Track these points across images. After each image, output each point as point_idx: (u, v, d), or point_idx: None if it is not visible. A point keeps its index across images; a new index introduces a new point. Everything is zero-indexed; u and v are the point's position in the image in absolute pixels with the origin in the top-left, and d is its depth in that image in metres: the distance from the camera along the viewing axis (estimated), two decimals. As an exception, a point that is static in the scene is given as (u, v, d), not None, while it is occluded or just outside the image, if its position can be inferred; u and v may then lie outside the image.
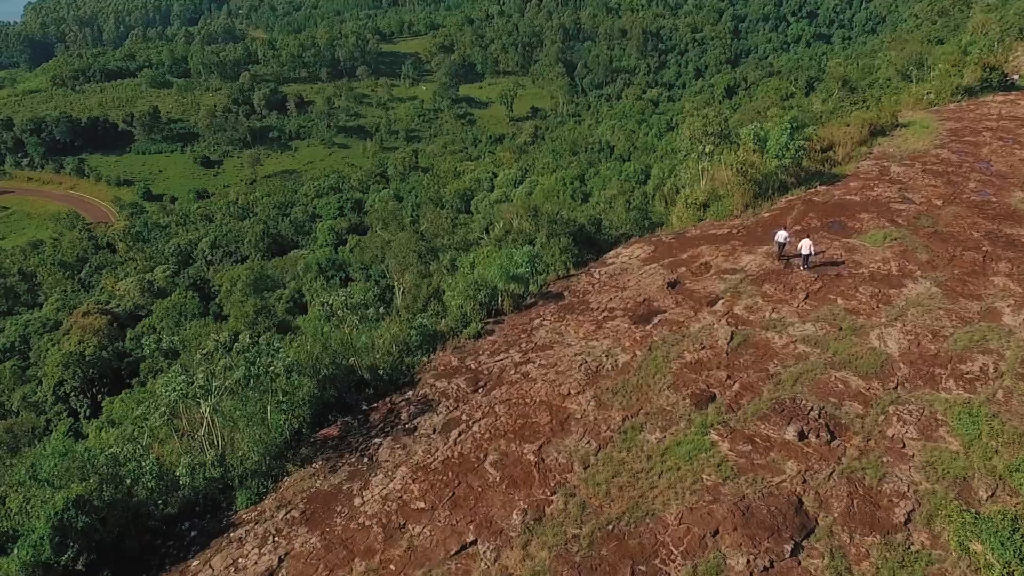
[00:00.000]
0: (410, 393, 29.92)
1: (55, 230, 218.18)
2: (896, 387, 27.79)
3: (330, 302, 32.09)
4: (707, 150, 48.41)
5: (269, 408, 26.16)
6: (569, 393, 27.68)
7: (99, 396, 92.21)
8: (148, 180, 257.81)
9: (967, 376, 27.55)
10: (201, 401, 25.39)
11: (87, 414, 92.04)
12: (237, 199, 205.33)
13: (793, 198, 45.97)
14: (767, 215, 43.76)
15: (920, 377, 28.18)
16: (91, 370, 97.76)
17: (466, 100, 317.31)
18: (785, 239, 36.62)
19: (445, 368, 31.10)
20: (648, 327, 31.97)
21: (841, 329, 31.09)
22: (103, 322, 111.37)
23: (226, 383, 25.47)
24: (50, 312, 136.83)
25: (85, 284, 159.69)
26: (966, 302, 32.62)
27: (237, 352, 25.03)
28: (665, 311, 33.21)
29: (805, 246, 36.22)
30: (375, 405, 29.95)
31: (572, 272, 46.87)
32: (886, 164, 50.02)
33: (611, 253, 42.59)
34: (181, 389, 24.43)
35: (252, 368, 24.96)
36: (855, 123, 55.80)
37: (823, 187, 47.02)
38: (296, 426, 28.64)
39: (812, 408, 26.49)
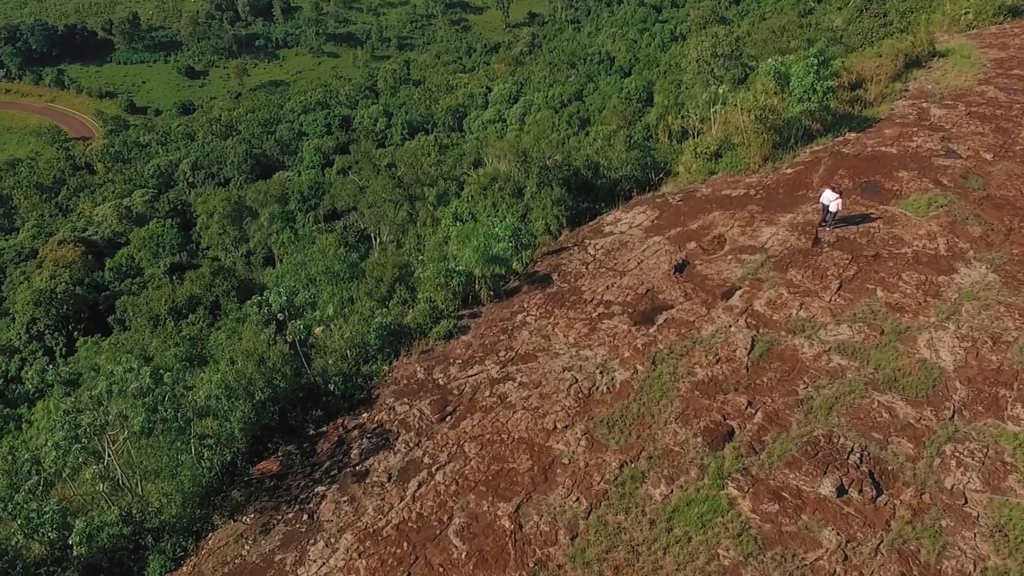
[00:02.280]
0: (365, 416, 24.79)
1: (36, 146, 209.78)
2: (953, 416, 22.69)
3: (270, 302, 26.47)
4: (720, 91, 41.72)
5: (185, 455, 20.97)
6: (555, 427, 22.50)
7: (75, 333, 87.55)
8: (131, 92, 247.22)
9: (1039, 401, 22.35)
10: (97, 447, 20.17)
11: (63, 352, 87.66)
12: (220, 116, 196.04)
13: (819, 149, 39.71)
14: (789, 171, 37.63)
15: (981, 401, 23.02)
16: (64, 307, 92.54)
17: (460, 5, 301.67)
18: (835, 205, 30.83)
19: (408, 382, 25.84)
20: (651, 329, 26.54)
21: (883, 333, 25.72)
22: (76, 254, 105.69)
23: (123, 434, 20.20)
24: (26, 240, 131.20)
25: (63, 208, 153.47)
26: (1030, 294, 27.04)
27: (134, 396, 19.61)
28: (672, 306, 27.69)
29: (833, 201, 30.47)
30: (324, 429, 24.89)
31: (564, 233, 41.21)
32: (924, 105, 43.46)
33: (609, 218, 36.73)
34: (64, 441, 19.15)
35: (154, 415, 19.60)
36: (887, 54, 48.86)
37: (853, 134, 40.71)
38: (229, 459, 23.55)
39: (852, 449, 21.43)
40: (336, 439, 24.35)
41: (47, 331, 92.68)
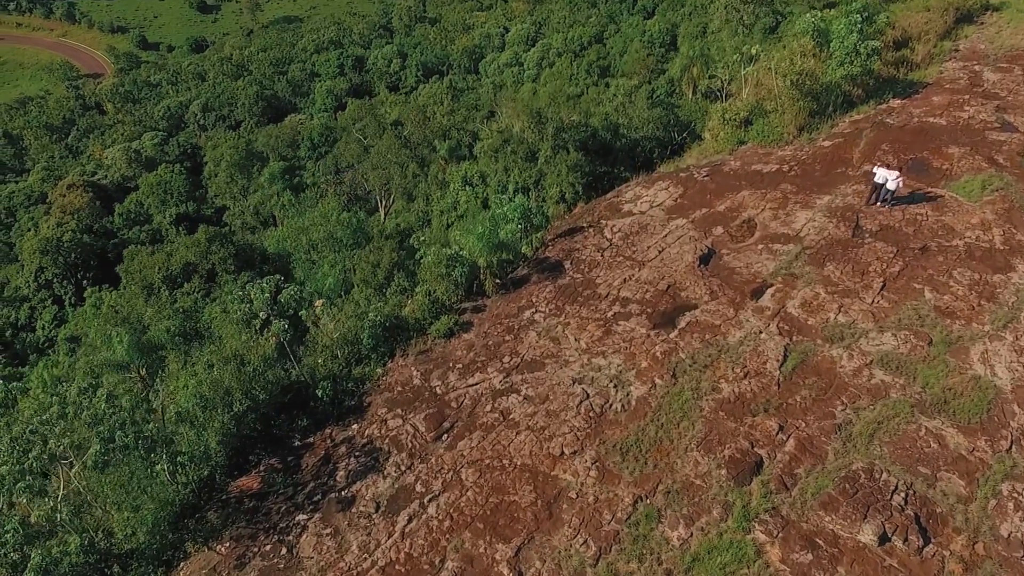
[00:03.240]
0: (355, 428, 22.52)
1: (48, 83, 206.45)
2: (1011, 447, 20.11)
3: (251, 297, 23.93)
4: (753, 50, 38.02)
5: (150, 483, 18.81)
6: (562, 453, 20.13)
7: (84, 281, 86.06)
8: (143, 26, 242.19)
9: (1111, 434, 19.74)
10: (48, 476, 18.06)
11: (72, 301, 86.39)
12: (231, 55, 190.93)
13: (860, 118, 36.21)
14: (827, 144, 34.29)
15: None
16: (72, 256, 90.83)
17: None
18: (894, 183, 28.41)
19: (403, 389, 23.46)
20: (672, 334, 23.90)
21: (931, 344, 22.96)
22: (84, 200, 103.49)
23: (81, 459, 18.02)
24: (35, 183, 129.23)
25: (73, 150, 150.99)
26: (1098, 298, 24.09)
27: (88, 424, 17.33)
28: (696, 306, 24.98)
29: (893, 180, 27.68)
30: (311, 440, 22.70)
31: (579, 205, 38.29)
32: (977, 68, 39.59)
33: (628, 195, 33.71)
34: (10, 476, 16.98)
35: (111, 445, 17.36)
36: (936, 7, 44.64)
37: (898, 101, 37.13)
38: (207, 473, 21.44)
39: (896, 487, 19.01)
40: (323, 454, 22.15)
41: (55, 279, 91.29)
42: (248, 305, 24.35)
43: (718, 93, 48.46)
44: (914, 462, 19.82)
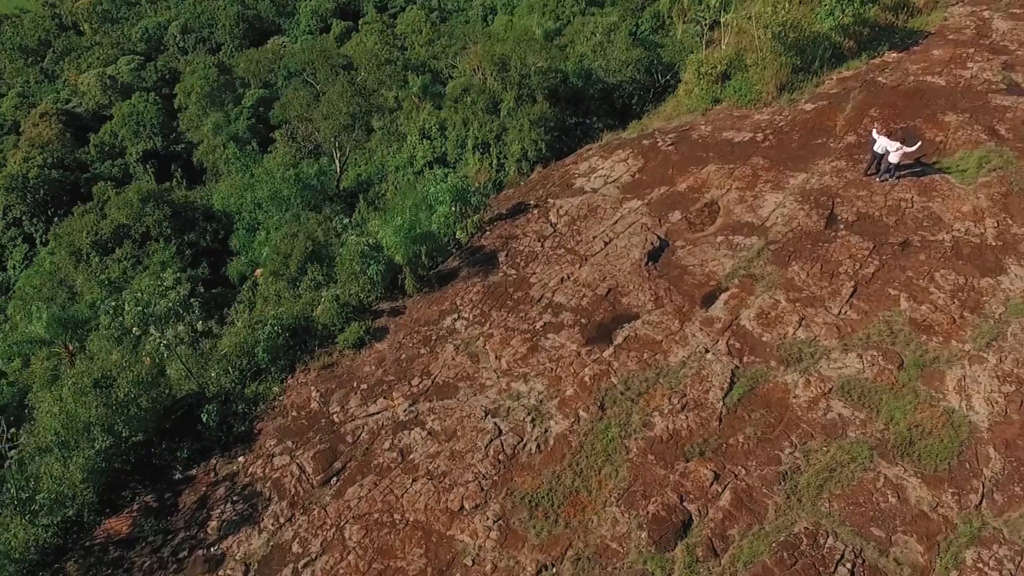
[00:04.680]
0: (241, 461, 20.02)
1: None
2: (981, 502, 17.45)
3: (125, 309, 20.93)
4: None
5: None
6: (462, 508, 17.59)
7: (55, 218, 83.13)
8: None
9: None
10: None
11: (43, 240, 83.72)
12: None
13: (849, 75, 32.29)
14: (808, 108, 30.55)
15: (1020, 480, 18.06)
16: (40, 192, 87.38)
17: None
18: (895, 155, 25.64)
19: (299, 415, 20.81)
20: (607, 352, 21.00)
21: (902, 367, 20.04)
22: (53, 132, 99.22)
23: None
24: (8, 110, 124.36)
25: (48, 74, 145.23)
26: (1099, 309, 21.09)
27: None
28: (637, 315, 22.00)
29: (895, 151, 25.14)
30: (193, 473, 20.23)
31: (537, 169, 34.86)
32: (986, 15, 35.38)
33: (583, 166, 30.30)
34: None
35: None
36: (947, -61, 39.57)
37: (894, 55, 33.11)
38: (73, 513, 19.03)
39: (843, 554, 16.73)
40: (202, 492, 19.60)
41: (24, 217, 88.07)
42: (119, 320, 21.48)
43: (699, 38, 43.97)
44: (867, 521, 17.21)
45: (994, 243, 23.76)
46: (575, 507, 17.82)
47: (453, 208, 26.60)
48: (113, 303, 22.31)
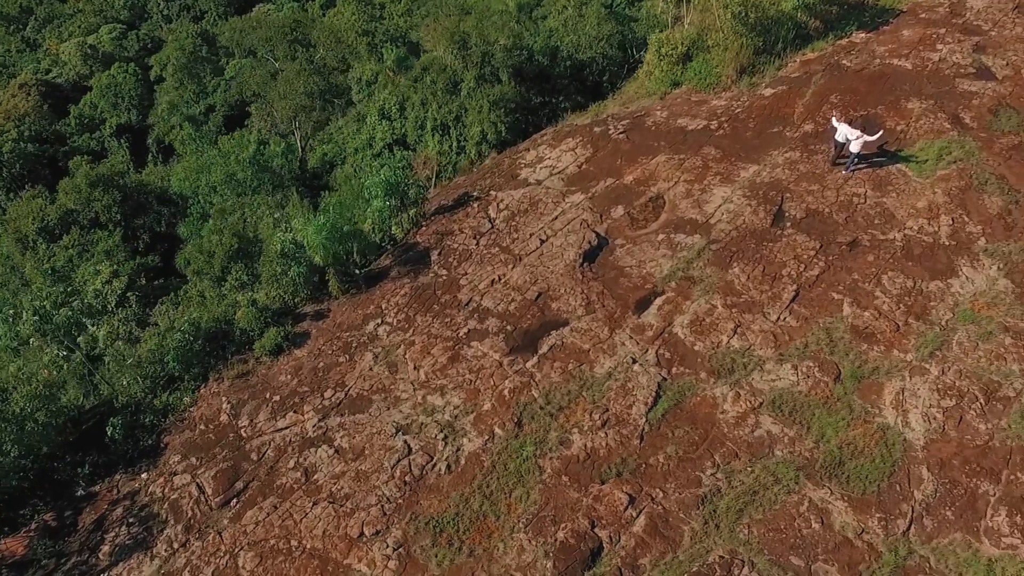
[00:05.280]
0: (144, 478, 19.20)
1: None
2: (909, 528, 16.64)
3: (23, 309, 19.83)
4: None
5: None
6: (362, 534, 16.71)
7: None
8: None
9: (1033, 506, 16.37)
10: None
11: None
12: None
13: (813, 57, 30.88)
14: (768, 93, 29.24)
15: (952, 502, 17.13)
16: (16, 166, 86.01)
17: None
18: (856, 144, 24.49)
19: (207, 428, 19.95)
20: (530, 363, 20.05)
21: (839, 379, 19.07)
22: (30, 105, 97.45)
23: None
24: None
25: (30, 43, 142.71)
26: (1052, 315, 20.10)
27: None
28: (567, 322, 21.00)
29: (855, 140, 24.27)
30: (96, 489, 19.39)
31: (491, 155, 33.66)
32: (963, -11, 33.55)
33: (531, 155, 29.14)
34: None
35: None
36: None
37: (862, 35, 31.69)
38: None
39: (758, 586, 15.54)
40: (101, 513, 18.78)
41: (2, 189, 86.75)
42: (13, 328, 20.47)
43: (667, 15, 42.29)
44: (787, 549, 16.39)
45: (947, 242, 22.65)
46: (481, 533, 16.98)
47: (387, 202, 25.44)
48: (11, 309, 21.32)
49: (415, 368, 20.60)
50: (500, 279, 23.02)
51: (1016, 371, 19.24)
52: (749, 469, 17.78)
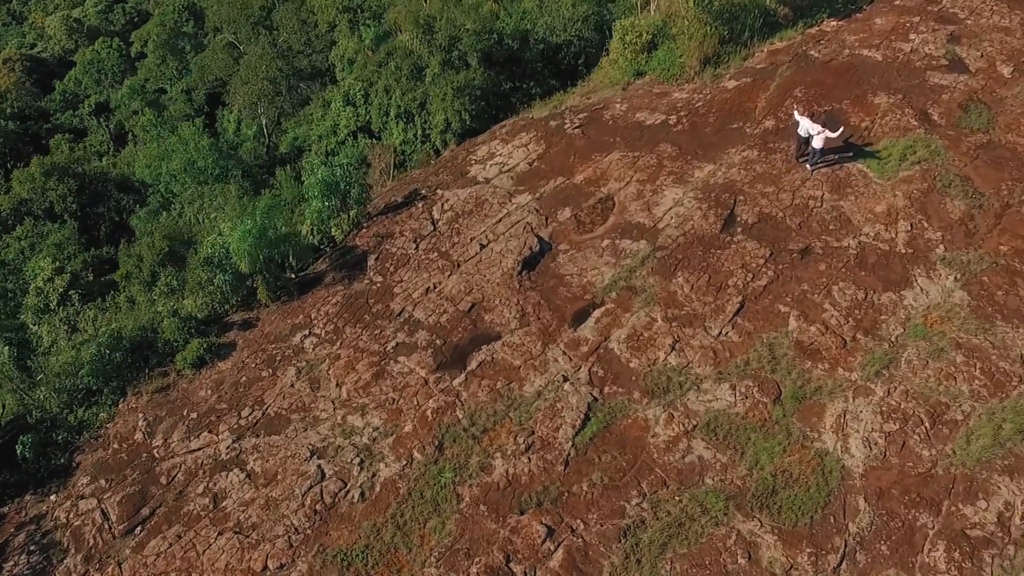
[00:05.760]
0: (52, 500, 18.32)
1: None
2: (840, 564, 15.79)
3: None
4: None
5: None
6: (266, 567, 15.91)
7: (11, 168, 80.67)
8: None
9: (970, 536, 15.34)
10: None
11: (4, 190, 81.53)
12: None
13: (781, 47, 29.63)
14: (731, 86, 28.03)
15: (888, 536, 16.39)
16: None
17: None
18: (819, 139, 23.48)
19: (120, 447, 19.19)
20: (457, 380, 19.15)
21: (778, 400, 18.16)
22: (12, 80, 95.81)
23: None
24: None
25: (16, 16, 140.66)
26: (1008, 330, 19.15)
27: None
28: (499, 336, 20.07)
29: (817, 135, 23.38)
30: (5, 510, 18.57)
31: (450, 147, 32.55)
32: (942, -25, 32.06)
33: (482, 150, 28.06)
34: None
35: None
36: None
37: (833, 24, 30.43)
38: None
39: (675, 628, 14.76)
40: (6, 538, 18.02)
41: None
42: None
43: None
44: (709, 588, 15.50)
45: (904, 250, 21.60)
46: (391, 568, 16.18)
47: (326, 203, 24.39)
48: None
49: (337, 385, 19.71)
50: (435, 287, 22.04)
51: (965, 392, 18.31)
52: (677, 499, 16.93)
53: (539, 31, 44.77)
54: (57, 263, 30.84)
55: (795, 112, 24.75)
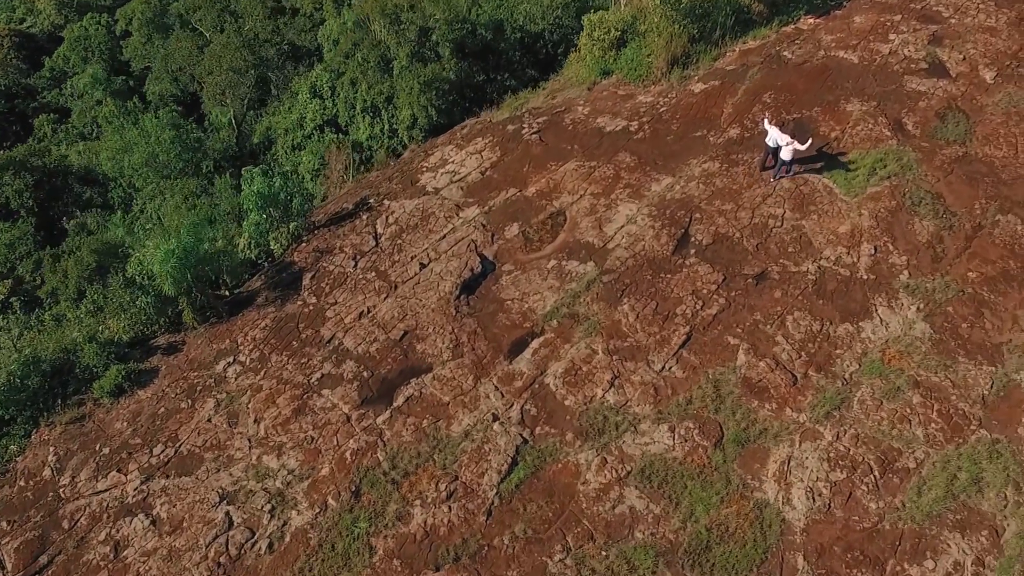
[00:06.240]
0: (-47, 543, 17.22)
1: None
2: (772, 630, 14.65)
3: None
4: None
5: None
6: (160, 628, 14.84)
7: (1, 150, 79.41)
8: None
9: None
10: None
11: None
12: None
13: (754, 47, 28.08)
14: (698, 89, 26.56)
15: None
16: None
17: None
18: (787, 151, 22.18)
19: (26, 485, 18.28)
20: (382, 417, 18.02)
21: (720, 443, 17.03)
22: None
23: None
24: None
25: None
26: (970, 367, 17.99)
27: None
28: (430, 368, 18.84)
29: (786, 147, 22.17)
30: (-93, 553, 17.49)
31: (411, 147, 31.23)
32: (928, -31, 30.33)
33: (435, 157, 26.60)
34: None
35: None
36: None
37: (810, 22, 28.81)
38: None
39: None
40: (-96, 583, 17.06)
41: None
42: None
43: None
44: (630, 656, 14.46)
45: (865, 276, 20.29)
46: (292, 630, 15.15)
47: (264, 216, 23.13)
48: None
49: (255, 421, 18.60)
50: (369, 312, 20.83)
51: (920, 437, 17.11)
52: (603, 553, 15.85)
53: (518, 19, 43.03)
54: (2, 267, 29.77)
55: (764, 120, 23.32)
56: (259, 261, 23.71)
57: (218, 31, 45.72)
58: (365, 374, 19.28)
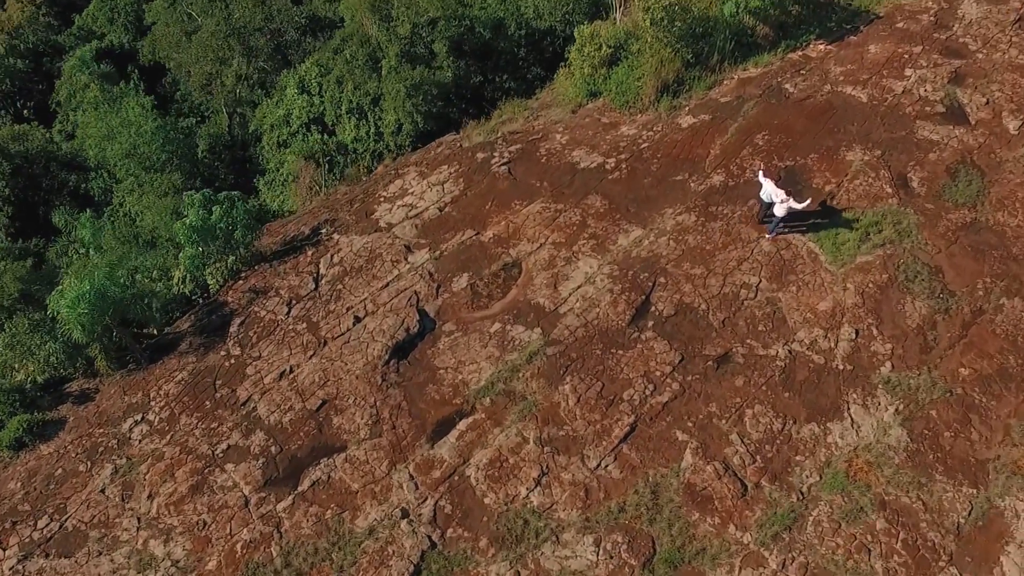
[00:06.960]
0: None
1: None
2: None
3: None
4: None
5: None
6: None
7: (24, 110, 78.88)
8: None
9: None
10: None
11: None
12: None
13: (754, 75, 25.42)
14: (686, 124, 24.12)
15: None
16: (5, 84, 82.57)
17: None
18: (781, 208, 19.95)
19: (-96, 552, 16.68)
20: (284, 503, 16.34)
21: (649, 564, 15.45)
22: (25, 16, 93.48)
23: None
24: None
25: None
26: (948, 488, 15.82)
27: None
28: (345, 446, 17.05)
29: (780, 203, 19.83)
30: None
31: (385, 161, 29.23)
32: (959, -9, 27.20)
33: (394, 186, 24.51)
34: None
35: None
36: None
37: (820, 48, 26.04)
38: None
39: None
40: None
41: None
42: None
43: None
44: None
45: (842, 366, 17.98)
46: None
47: (201, 249, 21.34)
48: None
49: (150, 496, 17.03)
50: (291, 372, 19.04)
51: (879, 572, 14.93)
52: None
53: (525, 14, 40.21)
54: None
55: (759, 173, 20.76)
56: (194, 297, 22.02)
57: (207, 16, 43.68)
58: (273, 449, 17.55)
